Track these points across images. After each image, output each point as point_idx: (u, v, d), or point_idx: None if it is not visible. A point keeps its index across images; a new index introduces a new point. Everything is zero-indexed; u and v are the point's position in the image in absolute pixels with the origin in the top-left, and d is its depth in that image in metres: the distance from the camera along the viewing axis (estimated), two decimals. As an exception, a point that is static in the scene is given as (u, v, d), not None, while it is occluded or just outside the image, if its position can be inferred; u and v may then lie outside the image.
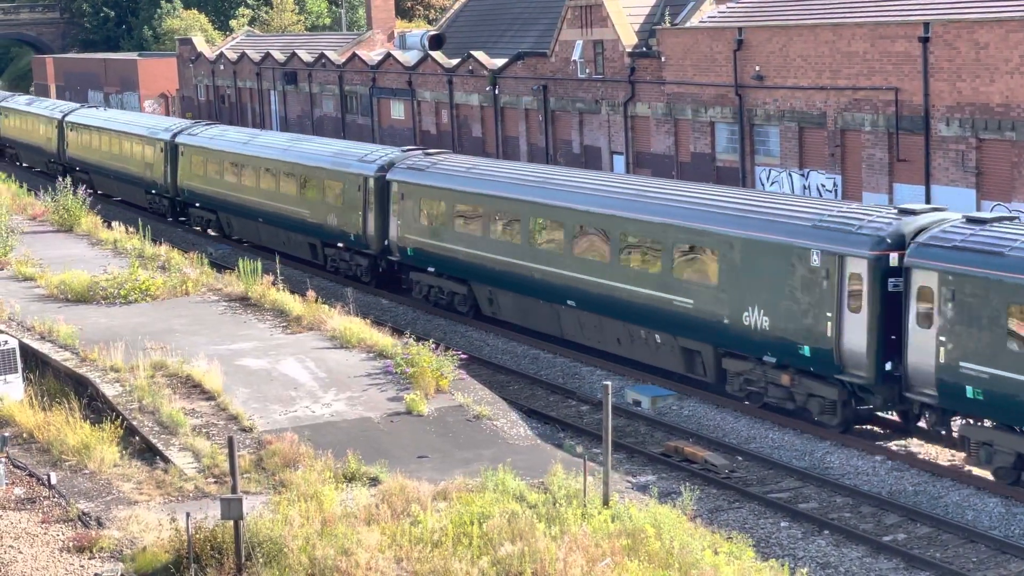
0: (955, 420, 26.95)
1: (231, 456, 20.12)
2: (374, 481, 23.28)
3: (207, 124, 63.15)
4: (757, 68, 45.79)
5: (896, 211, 28.26)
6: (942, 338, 25.67)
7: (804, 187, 44.60)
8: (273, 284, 37.67)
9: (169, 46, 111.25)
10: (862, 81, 41.89)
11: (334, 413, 27.43)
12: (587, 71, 54.12)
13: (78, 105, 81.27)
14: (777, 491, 26.26)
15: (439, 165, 41.66)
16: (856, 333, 27.29)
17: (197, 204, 58.47)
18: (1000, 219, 26.63)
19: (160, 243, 45.39)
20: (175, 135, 59.84)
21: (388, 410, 27.55)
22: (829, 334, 27.77)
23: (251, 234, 54.33)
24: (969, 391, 25.29)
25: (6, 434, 26.57)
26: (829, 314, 27.75)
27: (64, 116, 75.81)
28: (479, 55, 62.02)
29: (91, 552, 21.13)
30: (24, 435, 27.08)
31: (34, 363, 31.51)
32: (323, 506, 21.30)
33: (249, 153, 53.34)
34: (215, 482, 23.80)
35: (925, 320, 26.09)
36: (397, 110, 69.24)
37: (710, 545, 20.67)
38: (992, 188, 38.16)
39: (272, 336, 33.41)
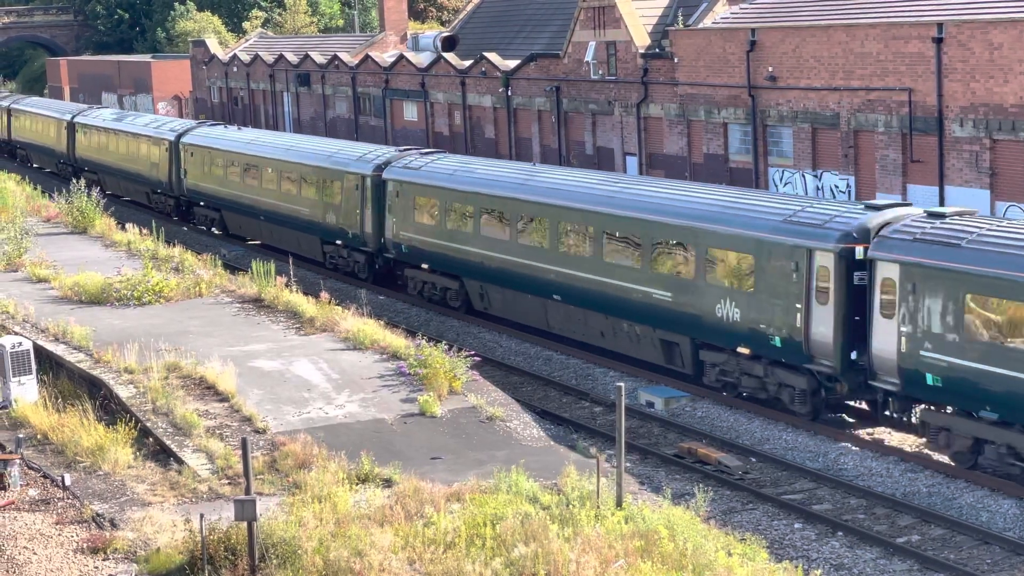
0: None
1: (245, 457, 20.14)
2: (387, 482, 23.29)
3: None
4: (770, 69, 45.74)
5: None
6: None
7: (817, 188, 44.54)
8: (286, 286, 37.71)
9: (182, 48, 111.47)
10: (875, 82, 41.83)
11: (347, 414, 27.45)
12: (600, 72, 54.11)
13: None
14: (791, 492, 26.22)
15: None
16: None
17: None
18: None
19: (174, 244, 45.47)
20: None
21: (401, 411, 27.55)
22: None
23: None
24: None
25: (21, 435, 26.64)
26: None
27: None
28: (492, 56, 62.04)
29: (105, 553, 21.17)
30: (38, 436, 27.15)
31: (48, 365, 31.57)
32: (337, 507, 21.32)
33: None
34: (229, 483, 23.83)
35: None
36: (410, 111, 69.28)
37: (724, 546, 20.64)
38: (1006, 189, 38.07)
39: (285, 337, 33.44)
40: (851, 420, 30.12)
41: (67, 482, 24.36)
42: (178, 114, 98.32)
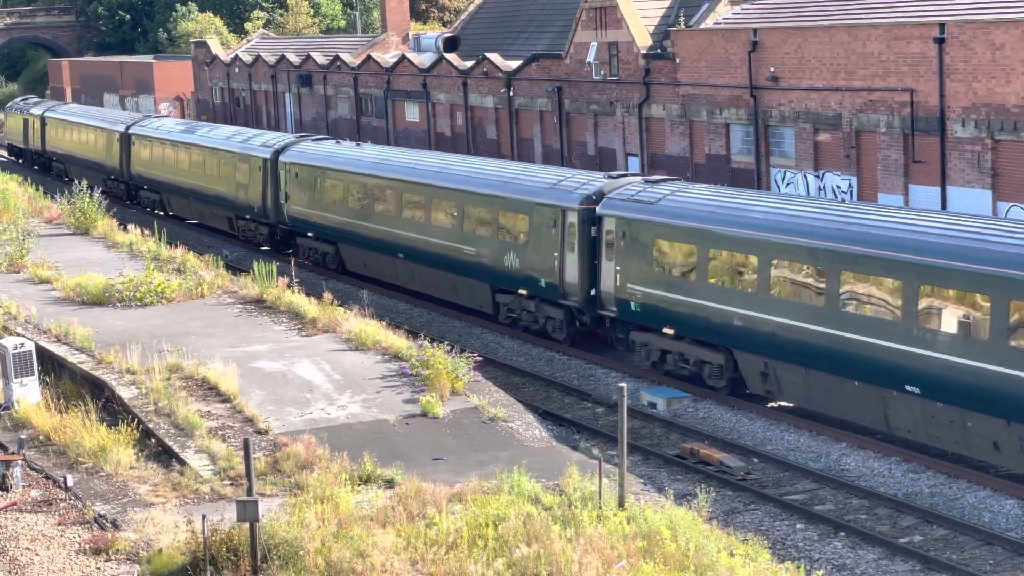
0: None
1: (247, 458, 20.14)
2: (390, 483, 23.30)
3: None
4: (772, 69, 45.72)
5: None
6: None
7: (819, 188, 44.52)
8: (288, 287, 37.71)
9: (184, 49, 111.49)
10: (877, 82, 41.81)
11: (350, 415, 27.46)
12: (602, 73, 54.10)
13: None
14: (793, 493, 26.23)
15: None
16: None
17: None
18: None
19: (175, 245, 45.47)
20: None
21: (403, 412, 27.56)
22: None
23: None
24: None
25: (23, 436, 26.67)
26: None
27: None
28: (494, 57, 62.04)
29: (107, 554, 21.18)
30: (41, 437, 27.16)
31: (50, 366, 31.59)
32: (339, 508, 21.32)
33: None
34: (231, 484, 23.84)
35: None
36: (412, 112, 69.28)
37: (726, 547, 20.64)
38: (1008, 189, 38.05)
39: (288, 338, 33.45)
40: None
41: (69, 483, 24.37)
42: (180, 115, 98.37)
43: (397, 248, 44.35)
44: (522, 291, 38.27)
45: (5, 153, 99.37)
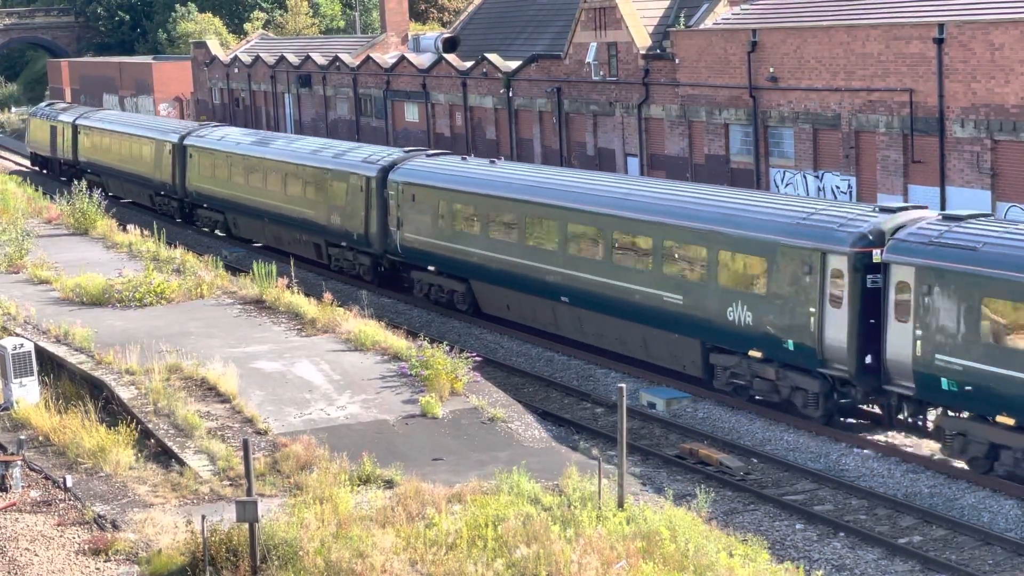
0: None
1: (246, 459, 20.14)
2: (389, 483, 23.30)
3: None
4: (771, 70, 45.73)
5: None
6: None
7: (819, 189, 44.52)
8: (288, 287, 37.71)
9: (184, 49, 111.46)
10: (877, 82, 41.81)
11: (349, 415, 27.46)
12: (601, 73, 54.10)
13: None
14: (792, 493, 26.22)
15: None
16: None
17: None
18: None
19: (175, 246, 45.47)
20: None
21: (403, 412, 27.56)
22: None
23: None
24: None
25: (22, 437, 26.67)
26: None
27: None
28: (493, 57, 62.03)
29: (107, 555, 21.19)
30: (40, 438, 27.17)
31: (50, 366, 31.59)
32: (338, 509, 21.32)
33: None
34: (230, 485, 23.84)
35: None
36: (411, 113, 69.29)
37: (725, 547, 20.64)
38: (1008, 189, 38.06)
39: (287, 339, 33.45)
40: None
41: (69, 483, 24.37)
42: (179, 116, 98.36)
43: (559, 290, 36.29)
44: (754, 352, 30.64)
45: (27, 162, 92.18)
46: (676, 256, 32.44)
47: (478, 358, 31.08)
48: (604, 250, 34.76)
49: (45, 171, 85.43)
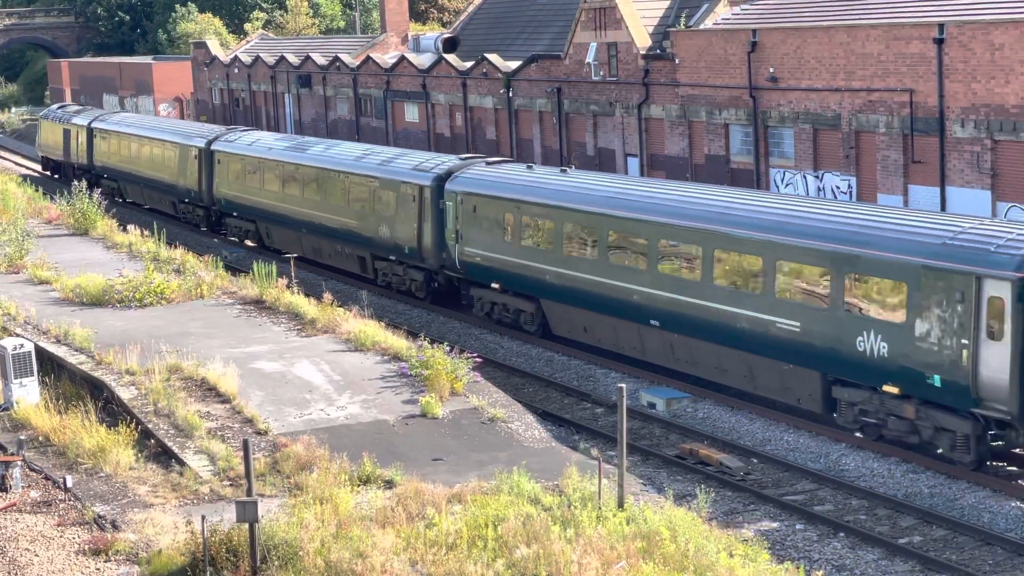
0: None
1: (246, 459, 20.14)
2: (389, 484, 23.30)
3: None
4: (771, 70, 45.72)
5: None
6: None
7: (819, 189, 44.53)
8: (288, 287, 37.71)
9: (184, 50, 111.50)
10: (877, 82, 41.81)
11: (349, 416, 27.46)
12: (601, 73, 54.10)
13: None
14: (792, 493, 26.22)
15: None
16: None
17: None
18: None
19: (175, 246, 45.46)
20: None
21: (403, 413, 27.56)
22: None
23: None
24: None
25: (22, 437, 26.66)
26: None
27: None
28: (493, 58, 62.03)
29: (107, 555, 21.19)
30: (40, 438, 27.16)
31: (50, 366, 31.59)
32: (338, 509, 21.32)
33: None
34: (230, 485, 23.84)
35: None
36: (411, 113, 69.29)
37: (725, 547, 20.65)
38: (1008, 190, 38.05)
39: (287, 339, 33.45)
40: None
41: (69, 484, 24.37)
42: (179, 116, 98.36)
43: (648, 313, 33.28)
44: (889, 388, 27.24)
45: (35, 165, 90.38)
46: (793, 278, 29.04)
47: (478, 358, 31.08)
48: (703, 269, 31.34)
49: (57, 176, 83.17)
